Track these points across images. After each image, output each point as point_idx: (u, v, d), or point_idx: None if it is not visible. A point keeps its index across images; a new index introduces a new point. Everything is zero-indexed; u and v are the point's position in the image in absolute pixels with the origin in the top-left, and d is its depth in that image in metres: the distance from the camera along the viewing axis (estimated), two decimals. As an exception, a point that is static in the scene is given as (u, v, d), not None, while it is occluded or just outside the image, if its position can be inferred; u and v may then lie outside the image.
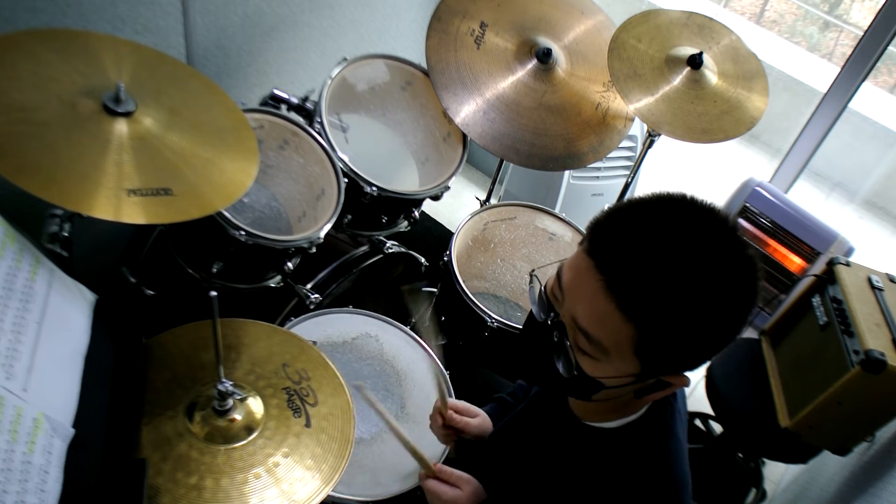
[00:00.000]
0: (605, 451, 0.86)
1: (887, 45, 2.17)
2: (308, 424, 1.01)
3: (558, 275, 0.80)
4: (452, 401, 1.16)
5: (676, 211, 0.73)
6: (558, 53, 1.66)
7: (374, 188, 1.49)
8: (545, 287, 0.84)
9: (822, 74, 3.75)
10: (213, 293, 0.85)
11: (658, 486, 0.82)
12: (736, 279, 0.71)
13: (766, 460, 2.15)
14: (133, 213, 0.92)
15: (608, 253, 0.72)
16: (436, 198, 1.65)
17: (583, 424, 0.89)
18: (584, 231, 0.78)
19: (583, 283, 0.74)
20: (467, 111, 1.58)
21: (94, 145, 0.95)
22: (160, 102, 1.07)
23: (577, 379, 0.79)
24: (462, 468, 1.05)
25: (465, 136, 1.66)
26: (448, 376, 1.44)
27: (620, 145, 1.76)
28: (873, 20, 2.15)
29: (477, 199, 1.98)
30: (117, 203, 0.92)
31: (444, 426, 1.13)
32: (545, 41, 1.65)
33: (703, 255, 0.70)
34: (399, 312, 1.78)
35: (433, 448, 1.27)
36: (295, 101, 1.52)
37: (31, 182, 0.86)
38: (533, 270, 0.90)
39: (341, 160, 1.47)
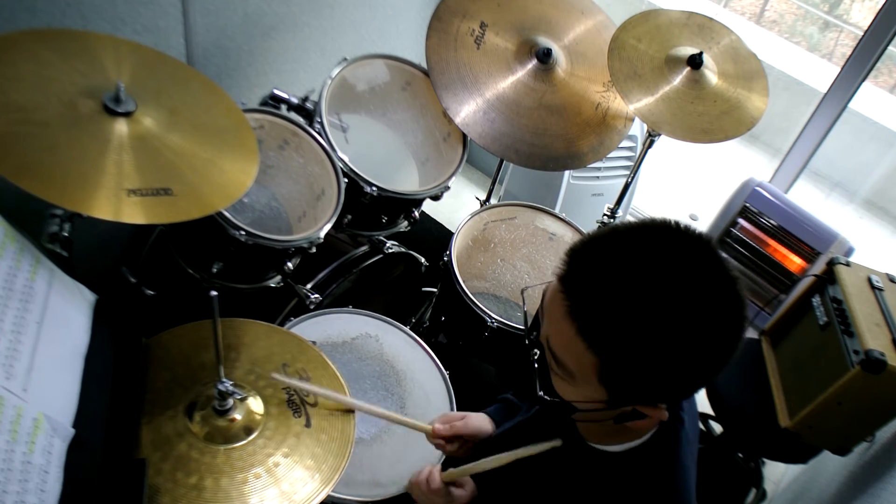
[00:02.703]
0: (606, 475, 0.85)
1: (887, 45, 2.16)
2: (308, 424, 1.01)
3: (544, 294, 0.80)
4: (438, 418, 1.17)
5: (650, 240, 0.70)
6: (558, 53, 1.66)
7: (374, 188, 1.49)
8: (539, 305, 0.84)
9: (822, 74, 3.75)
10: (214, 293, 0.85)
11: None
12: (709, 312, 0.68)
13: (766, 460, 2.15)
14: (133, 213, 0.92)
15: (574, 279, 0.72)
16: (436, 198, 1.65)
17: (587, 446, 0.89)
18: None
19: (553, 306, 0.74)
20: (467, 111, 1.58)
21: (94, 145, 0.95)
22: (160, 102, 1.07)
23: (549, 397, 0.80)
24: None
25: (465, 136, 1.66)
26: (448, 376, 1.44)
27: (620, 145, 1.76)
28: (873, 20, 2.15)
29: (477, 199, 1.98)
30: (117, 203, 0.92)
31: (446, 441, 1.15)
32: (545, 41, 1.65)
33: (670, 285, 0.67)
34: (399, 312, 1.79)
35: (431, 449, 1.27)
36: (295, 101, 1.52)
37: (31, 182, 0.86)
38: (524, 290, 0.92)
39: (341, 160, 1.47)
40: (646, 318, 0.67)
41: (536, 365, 0.79)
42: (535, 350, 0.80)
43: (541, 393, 0.80)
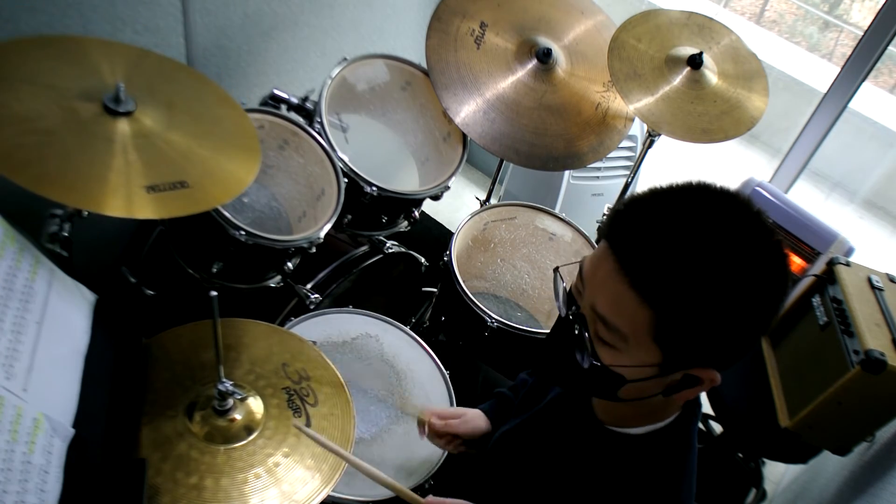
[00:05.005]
0: (624, 457, 0.85)
1: (887, 45, 2.16)
2: (308, 424, 1.01)
3: (580, 269, 0.80)
4: (432, 409, 1.18)
5: (697, 195, 0.72)
6: (558, 53, 1.66)
7: (374, 188, 1.49)
8: (569, 286, 0.83)
9: (822, 74, 3.75)
10: (214, 293, 0.85)
11: (668, 498, 0.82)
12: (761, 264, 0.69)
13: (766, 460, 2.15)
14: (154, 209, 0.93)
15: (623, 234, 0.72)
16: (436, 198, 1.65)
17: (606, 429, 0.88)
18: (598, 228, 0.78)
19: (600, 267, 0.74)
20: (467, 111, 1.58)
21: (103, 146, 0.95)
22: (157, 99, 1.06)
23: (597, 372, 0.77)
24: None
25: (465, 136, 1.66)
26: (448, 376, 1.44)
27: (620, 145, 1.76)
28: (873, 20, 2.15)
29: (477, 199, 1.97)
30: (138, 201, 0.92)
31: (438, 436, 1.15)
32: (545, 41, 1.65)
33: (724, 237, 0.68)
34: (399, 312, 1.79)
35: (432, 449, 1.27)
36: (295, 101, 1.52)
37: (51, 189, 0.86)
38: (557, 268, 0.89)
39: (341, 160, 1.47)
40: (702, 267, 0.67)
41: (586, 334, 0.77)
42: (576, 325, 0.79)
43: (590, 360, 0.77)
